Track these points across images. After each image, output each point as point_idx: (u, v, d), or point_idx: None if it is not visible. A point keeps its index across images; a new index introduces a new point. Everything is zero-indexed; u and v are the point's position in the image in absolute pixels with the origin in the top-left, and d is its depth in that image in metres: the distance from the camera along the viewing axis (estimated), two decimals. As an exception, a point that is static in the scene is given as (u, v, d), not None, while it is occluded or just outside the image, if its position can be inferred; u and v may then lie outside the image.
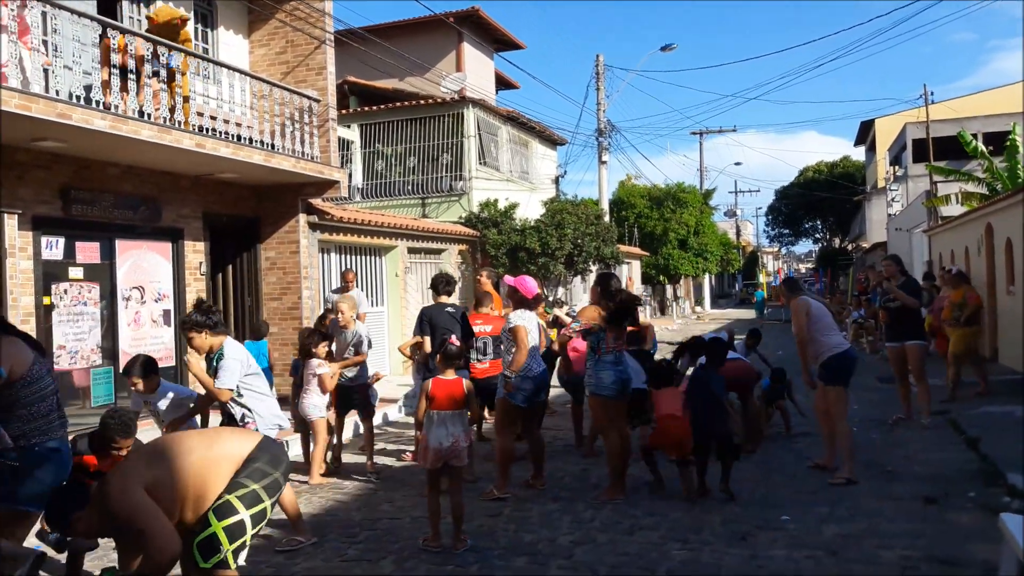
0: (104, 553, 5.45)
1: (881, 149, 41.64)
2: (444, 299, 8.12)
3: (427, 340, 7.77)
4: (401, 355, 9.54)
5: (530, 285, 7.27)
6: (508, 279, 7.47)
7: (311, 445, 7.86)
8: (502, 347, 7.28)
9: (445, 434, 5.59)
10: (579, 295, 23.45)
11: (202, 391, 6.07)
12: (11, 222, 8.53)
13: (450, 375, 5.81)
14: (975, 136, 24.08)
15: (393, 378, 13.92)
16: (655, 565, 5.14)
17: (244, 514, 3.76)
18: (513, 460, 7.03)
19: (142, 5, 11.00)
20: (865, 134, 47.50)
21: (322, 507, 6.85)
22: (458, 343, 6.43)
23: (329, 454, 8.09)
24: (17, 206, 8.61)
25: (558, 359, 9.23)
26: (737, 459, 6.79)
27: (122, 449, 4.68)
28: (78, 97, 8.27)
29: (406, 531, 6.02)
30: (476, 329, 8.08)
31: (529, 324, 7.01)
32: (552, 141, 25.02)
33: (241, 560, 3.85)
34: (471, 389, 5.87)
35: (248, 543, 3.84)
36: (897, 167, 36.86)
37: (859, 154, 54.30)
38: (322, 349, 7.76)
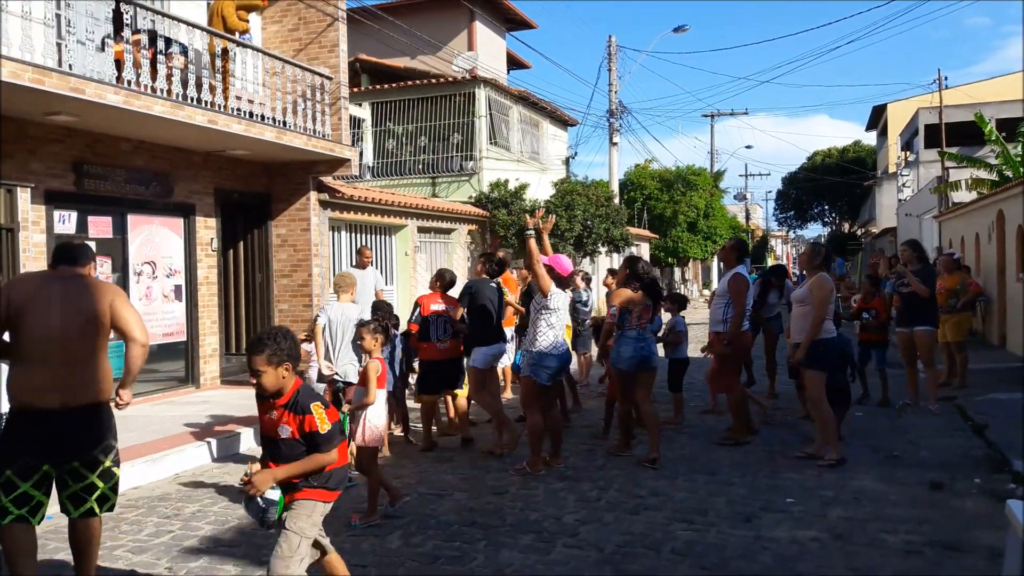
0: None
1: (893, 134, 41.35)
2: (486, 276, 8.29)
3: (461, 310, 7.86)
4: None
5: (565, 263, 7.33)
6: (543, 258, 7.44)
7: None
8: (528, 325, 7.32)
9: (385, 413, 5.85)
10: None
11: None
12: (24, 196, 8.58)
13: (378, 354, 5.82)
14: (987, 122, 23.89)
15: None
16: (660, 544, 5.19)
17: None
18: (543, 436, 7.07)
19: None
20: (877, 119, 47.15)
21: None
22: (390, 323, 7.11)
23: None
24: (30, 180, 8.66)
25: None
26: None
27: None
28: (91, 71, 8.28)
29: (413, 506, 6.08)
30: (433, 308, 8.11)
31: (560, 302, 7.07)
32: (563, 122, 24.91)
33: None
34: None
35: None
36: (908, 152, 36.62)
37: (870, 139, 53.94)
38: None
